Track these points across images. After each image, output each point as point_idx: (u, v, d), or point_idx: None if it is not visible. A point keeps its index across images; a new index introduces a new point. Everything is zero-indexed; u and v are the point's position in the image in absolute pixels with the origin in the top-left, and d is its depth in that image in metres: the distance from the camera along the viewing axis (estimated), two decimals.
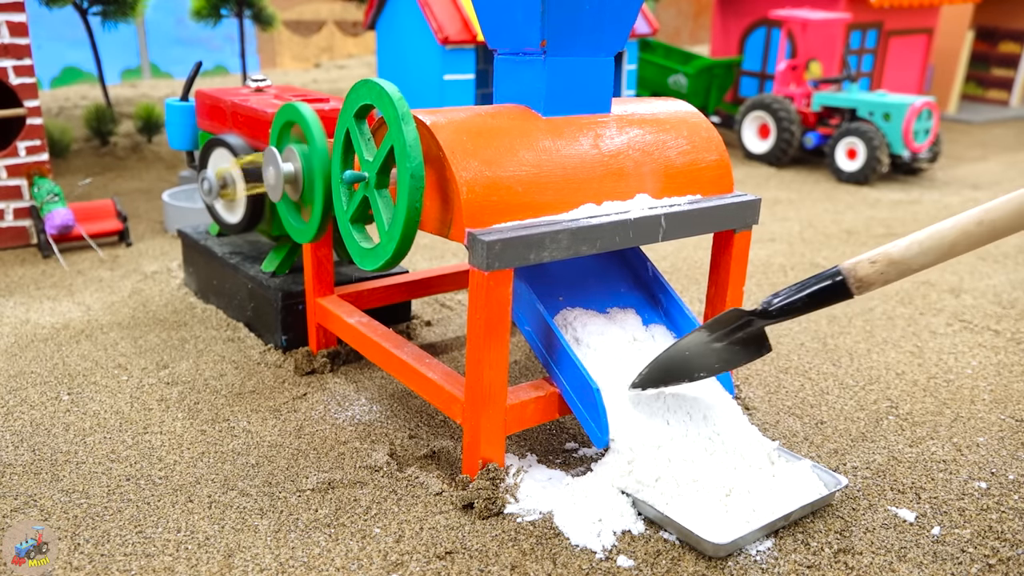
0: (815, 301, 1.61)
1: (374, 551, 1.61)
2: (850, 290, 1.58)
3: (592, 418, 1.77)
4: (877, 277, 1.55)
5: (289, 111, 2.06)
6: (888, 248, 1.54)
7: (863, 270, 1.56)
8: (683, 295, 3.05)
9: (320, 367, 2.35)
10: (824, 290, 1.60)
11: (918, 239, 1.51)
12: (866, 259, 1.56)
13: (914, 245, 1.52)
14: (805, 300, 1.62)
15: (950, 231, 1.49)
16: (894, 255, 1.54)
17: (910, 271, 1.54)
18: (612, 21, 1.85)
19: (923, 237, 1.51)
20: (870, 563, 1.60)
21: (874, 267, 1.55)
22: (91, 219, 3.45)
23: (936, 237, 1.50)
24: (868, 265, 1.55)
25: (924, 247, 1.51)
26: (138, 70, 9.52)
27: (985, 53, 8.50)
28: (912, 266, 1.53)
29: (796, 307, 1.63)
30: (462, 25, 4.63)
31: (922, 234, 1.51)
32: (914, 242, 1.51)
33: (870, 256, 1.56)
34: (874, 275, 1.55)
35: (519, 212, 1.70)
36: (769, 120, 5.38)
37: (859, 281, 1.56)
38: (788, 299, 1.64)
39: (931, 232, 1.51)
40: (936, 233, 1.50)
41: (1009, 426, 2.14)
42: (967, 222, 1.48)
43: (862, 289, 1.57)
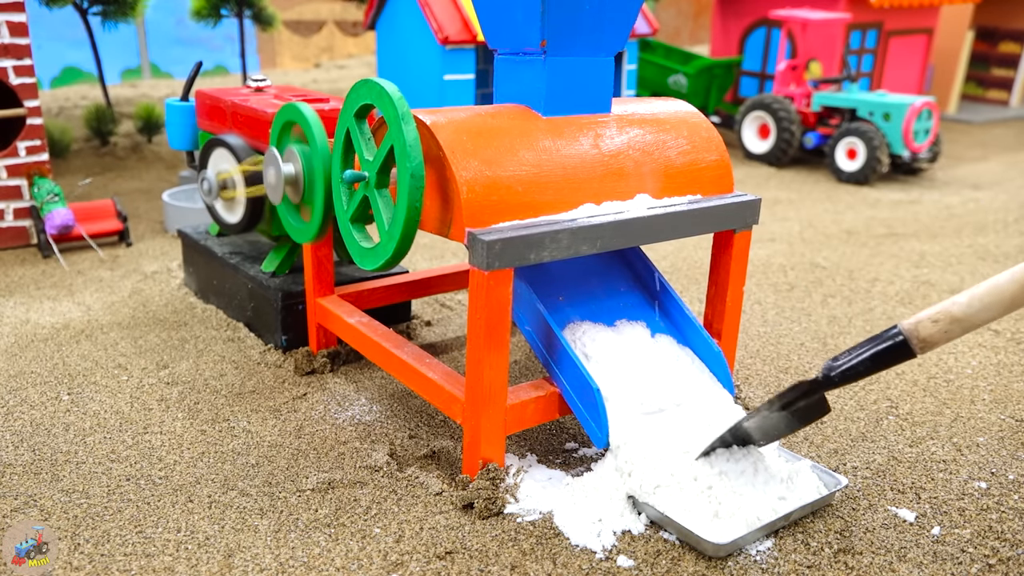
0: (878, 364, 1.59)
1: (374, 551, 1.61)
2: (913, 350, 1.55)
3: (592, 418, 1.77)
4: (941, 336, 1.53)
5: (290, 111, 2.06)
6: (948, 306, 1.53)
7: (925, 330, 1.54)
8: (683, 295, 3.05)
9: (320, 367, 2.35)
10: (886, 352, 1.57)
11: (978, 295, 1.50)
12: (927, 318, 1.54)
13: (975, 301, 1.50)
14: (867, 363, 1.59)
15: (1009, 284, 1.48)
16: (956, 313, 1.52)
17: (973, 327, 1.53)
18: (612, 21, 1.85)
19: (983, 292, 1.50)
20: (870, 563, 1.60)
21: (936, 326, 1.53)
22: (91, 219, 3.45)
23: (996, 292, 1.49)
24: (930, 324, 1.53)
25: (985, 303, 1.50)
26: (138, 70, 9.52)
27: (985, 53, 8.50)
28: (975, 322, 1.52)
29: (858, 371, 1.60)
30: (462, 25, 4.63)
31: (981, 288, 1.50)
32: (974, 298, 1.50)
33: (931, 315, 1.54)
34: (937, 335, 1.53)
35: (519, 212, 1.70)
36: (769, 120, 5.38)
37: (922, 341, 1.54)
38: (850, 364, 1.61)
39: (990, 287, 1.49)
40: (995, 288, 1.49)
41: (1009, 426, 2.14)
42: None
43: (925, 349, 1.55)
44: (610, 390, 1.82)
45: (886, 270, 3.38)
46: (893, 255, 3.59)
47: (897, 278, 3.28)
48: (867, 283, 3.22)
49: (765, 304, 2.97)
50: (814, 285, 3.18)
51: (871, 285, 3.19)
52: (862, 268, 3.40)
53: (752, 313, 2.89)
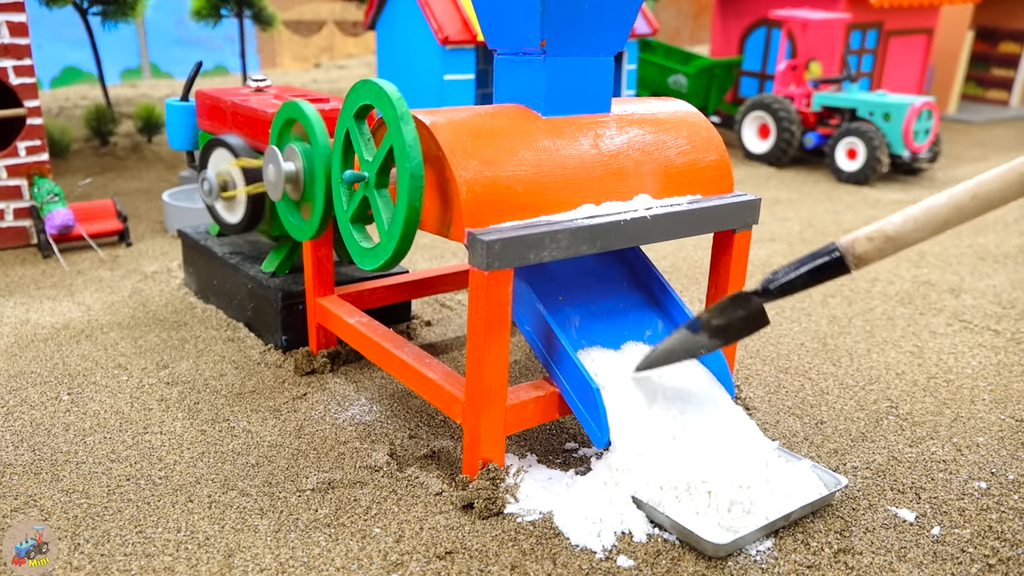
0: (814, 278, 1.64)
1: (374, 551, 1.61)
2: (848, 266, 1.61)
3: (592, 418, 1.77)
4: (875, 253, 1.59)
5: (291, 109, 2.06)
6: (883, 225, 1.58)
7: (860, 247, 1.59)
8: (683, 295, 3.05)
9: (320, 367, 2.35)
10: (823, 267, 1.62)
11: (913, 215, 1.55)
12: (863, 235, 1.59)
13: (909, 221, 1.55)
14: (804, 278, 1.64)
15: (943, 206, 1.52)
16: (889, 231, 1.57)
17: (906, 245, 1.57)
18: (612, 21, 1.85)
19: (918, 212, 1.54)
20: (870, 563, 1.60)
21: (872, 243, 1.58)
22: (91, 219, 3.45)
23: (930, 212, 1.53)
24: (865, 241, 1.58)
25: (919, 223, 1.54)
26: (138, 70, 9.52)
27: (985, 53, 8.50)
28: (908, 241, 1.56)
29: (795, 285, 1.66)
30: (462, 25, 4.63)
31: (916, 209, 1.55)
32: (909, 218, 1.55)
33: (867, 232, 1.59)
34: (872, 251, 1.58)
35: (519, 212, 1.70)
36: (769, 120, 5.38)
37: (857, 257, 1.59)
38: (787, 277, 1.66)
39: (925, 207, 1.54)
40: (930, 208, 1.53)
41: (1009, 426, 2.14)
42: (961, 196, 1.51)
43: (859, 265, 1.60)
44: (610, 390, 1.82)
45: (886, 270, 3.38)
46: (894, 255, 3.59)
47: (897, 278, 3.28)
48: (867, 283, 3.22)
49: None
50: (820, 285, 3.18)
51: (871, 285, 3.19)
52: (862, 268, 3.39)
53: None
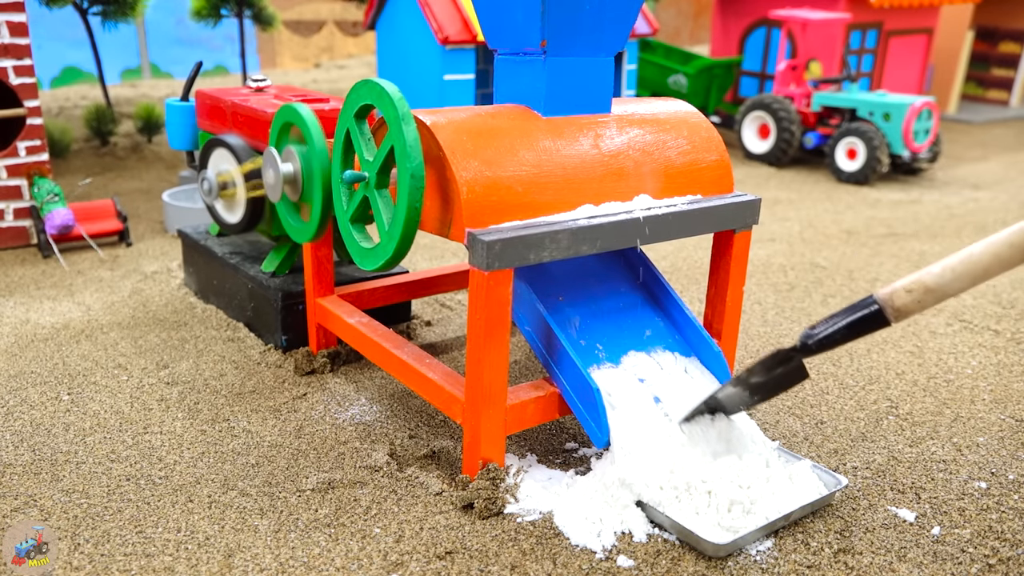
0: (853, 332, 1.62)
1: (374, 551, 1.61)
2: (888, 319, 1.58)
3: (592, 418, 1.77)
4: (914, 305, 1.56)
5: (288, 112, 2.06)
6: (922, 276, 1.55)
7: (899, 299, 1.57)
8: (683, 295, 3.05)
9: (320, 367, 2.35)
10: (861, 320, 1.60)
11: (951, 265, 1.52)
12: (901, 287, 1.57)
13: (947, 271, 1.52)
14: (844, 332, 1.62)
15: (982, 255, 1.50)
16: (929, 283, 1.54)
17: (946, 297, 1.55)
18: (612, 21, 1.85)
19: (955, 263, 1.52)
20: (870, 563, 1.60)
21: (910, 296, 1.56)
22: (91, 219, 3.45)
23: (968, 262, 1.51)
24: (904, 294, 1.56)
25: (957, 273, 1.52)
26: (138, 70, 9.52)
27: (985, 53, 8.50)
28: (948, 292, 1.54)
29: (834, 339, 1.64)
30: (462, 25, 4.63)
31: (955, 259, 1.52)
32: (947, 268, 1.52)
33: (905, 284, 1.56)
34: (911, 304, 1.56)
35: (519, 212, 1.70)
36: (769, 120, 5.38)
37: (896, 310, 1.57)
38: (826, 332, 1.64)
39: (963, 257, 1.52)
40: (968, 258, 1.51)
41: (1009, 426, 2.14)
42: (999, 245, 1.48)
43: (899, 318, 1.58)
44: (610, 390, 1.82)
45: (886, 270, 3.38)
46: (893, 255, 3.59)
47: (896, 278, 3.27)
48: (867, 283, 3.22)
49: (765, 304, 2.97)
50: (814, 285, 3.18)
51: (871, 285, 3.19)
52: (862, 268, 3.40)
53: (752, 313, 2.89)
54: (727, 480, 1.70)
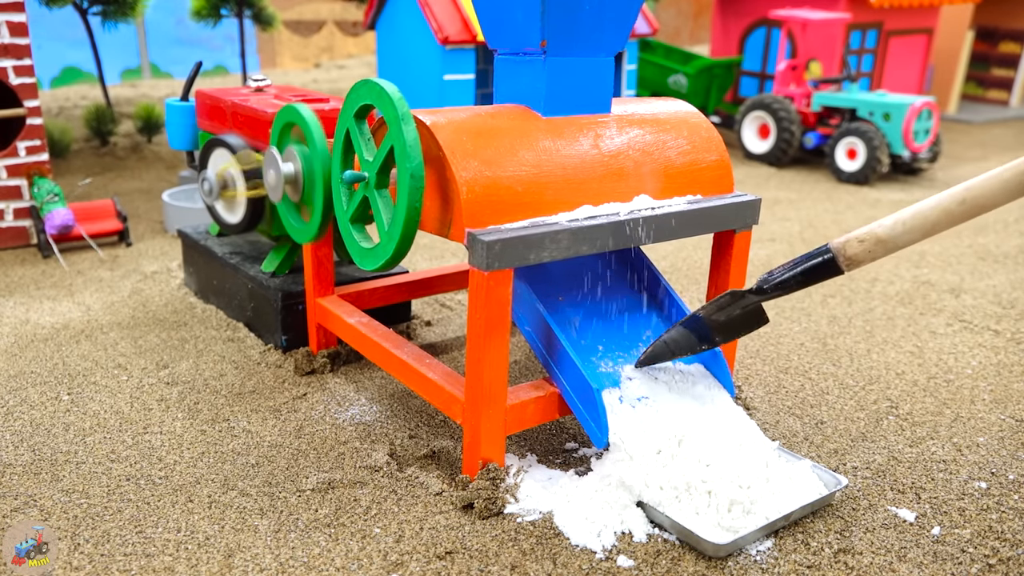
0: (807, 278, 1.69)
1: (374, 551, 1.61)
2: (840, 267, 1.66)
3: (592, 418, 1.77)
4: (865, 255, 1.63)
5: (289, 112, 2.06)
6: (874, 227, 1.62)
7: (852, 248, 1.64)
8: (683, 295, 3.05)
9: (320, 367, 2.35)
10: (815, 267, 1.68)
11: (902, 219, 1.60)
12: (854, 238, 1.64)
13: (899, 224, 1.60)
14: (798, 277, 1.70)
15: (932, 211, 1.57)
16: (880, 234, 1.62)
17: (896, 248, 1.62)
18: (612, 21, 1.85)
19: (907, 216, 1.59)
20: (870, 563, 1.60)
21: (862, 245, 1.63)
22: (91, 219, 3.45)
23: (920, 216, 1.58)
24: (856, 244, 1.63)
25: (908, 226, 1.59)
26: (138, 70, 9.52)
27: (985, 53, 8.50)
28: (898, 243, 1.61)
29: (789, 284, 1.71)
30: (462, 25, 4.63)
31: (906, 213, 1.60)
32: (898, 221, 1.60)
33: (858, 235, 1.64)
34: (862, 253, 1.63)
35: (519, 212, 1.70)
36: (769, 120, 5.38)
37: (848, 259, 1.64)
38: (782, 277, 1.71)
39: (914, 212, 1.59)
40: (919, 213, 1.58)
41: (1009, 426, 2.14)
42: (949, 201, 1.56)
43: (851, 266, 1.65)
44: (610, 390, 1.82)
45: (886, 270, 3.38)
46: (893, 255, 3.59)
47: (897, 278, 3.28)
48: (867, 283, 3.22)
49: (765, 304, 2.97)
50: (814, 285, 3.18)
51: (871, 285, 3.20)
52: (862, 268, 3.40)
53: None
54: (727, 480, 1.70)
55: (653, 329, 2.02)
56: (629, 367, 1.89)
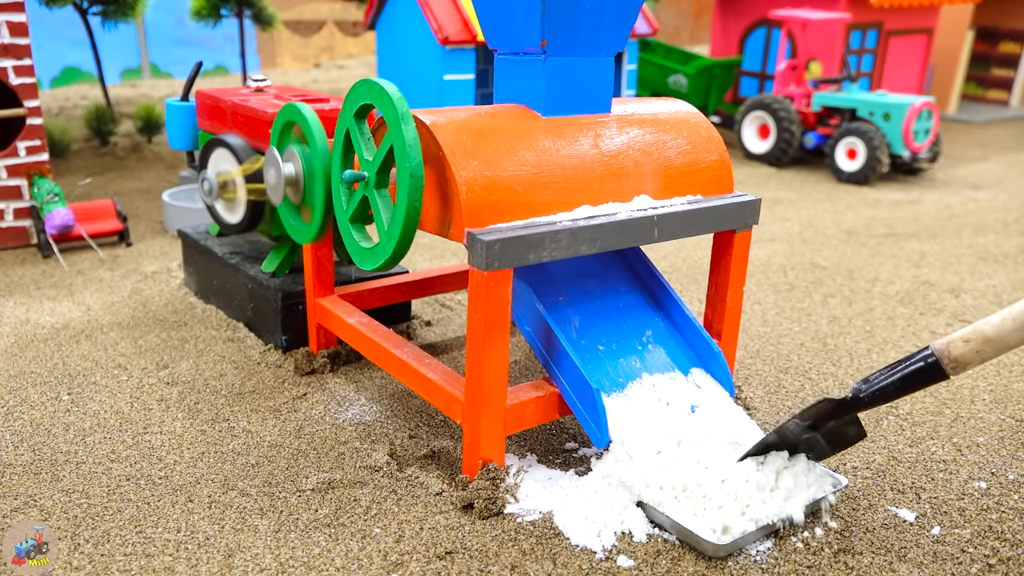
0: (908, 385, 1.57)
1: (374, 551, 1.61)
2: (945, 371, 1.53)
3: (592, 418, 1.77)
4: (973, 356, 1.50)
5: (290, 112, 2.06)
6: (981, 326, 1.50)
7: (957, 350, 1.51)
8: (683, 295, 3.05)
9: (320, 367, 2.35)
10: (917, 372, 1.55)
11: (1011, 314, 1.47)
12: (959, 338, 1.51)
13: (1007, 321, 1.47)
14: (898, 384, 1.57)
15: None
16: (988, 333, 1.49)
17: (1007, 348, 1.49)
18: (612, 21, 1.85)
19: (1016, 312, 1.47)
20: (870, 563, 1.60)
21: (968, 346, 1.50)
22: (91, 219, 3.45)
23: None
24: (962, 344, 1.50)
25: (1019, 322, 1.46)
26: (138, 70, 9.52)
27: (985, 53, 8.50)
28: (1009, 342, 1.48)
29: (888, 392, 1.59)
30: (462, 25, 4.63)
31: (1016, 308, 1.47)
32: (1007, 317, 1.47)
33: (962, 335, 1.51)
34: (969, 355, 1.50)
35: (519, 212, 1.70)
36: (769, 120, 5.38)
37: (953, 361, 1.51)
38: (880, 385, 1.60)
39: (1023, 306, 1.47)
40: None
41: (1009, 426, 2.14)
42: None
43: (957, 370, 1.51)
44: (610, 390, 1.82)
45: (886, 270, 3.38)
46: (893, 255, 3.59)
47: (897, 278, 3.28)
48: (867, 283, 3.22)
49: (765, 304, 2.97)
50: (814, 285, 3.18)
51: (871, 285, 3.19)
52: (862, 268, 3.40)
53: (752, 313, 2.89)
54: (727, 480, 1.70)
55: (653, 329, 2.02)
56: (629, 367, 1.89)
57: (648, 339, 2.00)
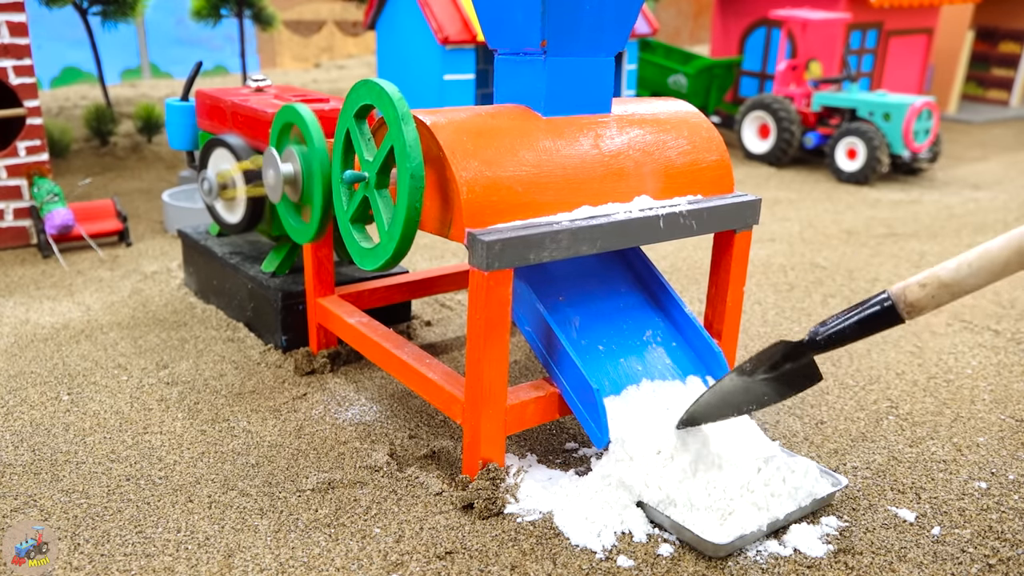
0: (865, 328, 1.56)
1: (374, 551, 1.61)
2: (900, 315, 1.53)
3: (592, 418, 1.77)
4: (928, 301, 1.50)
5: (288, 112, 2.06)
6: (937, 271, 1.50)
7: (913, 294, 1.51)
8: (683, 295, 3.05)
9: (320, 367, 2.35)
10: (873, 316, 1.55)
11: (967, 260, 1.48)
12: (915, 283, 1.51)
13: (963, 266, 1.47)
14: (854, 327, 1.57)
15: (1000, 250, 1.45)
16: (944, 277, 1.49)
17: (963, 292, 1.49)
18: (612, 21, 1.85)
19: (972, 258, 1.47)
20: (870, 563, 1.60)
21: (924, 290, 1.50)
22: (91, 219, 3.45)
23: (986, 257, 1.46)
24: (918, 289, 1.50)
25: (974, 268, 1.46)
26: (138, 70, 9.52)
27: (985, 53, 8.50)
28: (964, 287, 1.48)
29: (845, 335, 1.58)
30: (462, 25, 4.63)
31: (971, 254, 1.48)
32: (963, 263, 1.48)
33: (919, 279, 1.51)
34: (925, 299, 1.50)
35: (519, 212, 1.70)
36: (769, 120, 5.38)
37: (909, 305, 1.51)
38: (836, 327, 1.59)
39: (980, 252, 1.47)
40: (985, 253, 1.46)
41: (1009, 426, 2.14)
42: (1019, 239, 1.43)
43: (913, 314, 1.51)
44: (610, 391, 1.82)
45: (886, 270, 3.38)
46: (893, 255, 3.59)
47: (897, 278, 3.28)
48: (867, 283, 3.22)
49: (765, 304, 2.97)
50: (814, 285, 3.18)
51: (871, 285, 3.19)
52: (862, 268, 3.40)
53: (752, 313, 2.89)
54: (727, 480, 1.70)
55: (653, 329, 2.02)
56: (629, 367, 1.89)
57: (648, 339, 2.00)
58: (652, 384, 1.89)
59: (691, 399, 1.88)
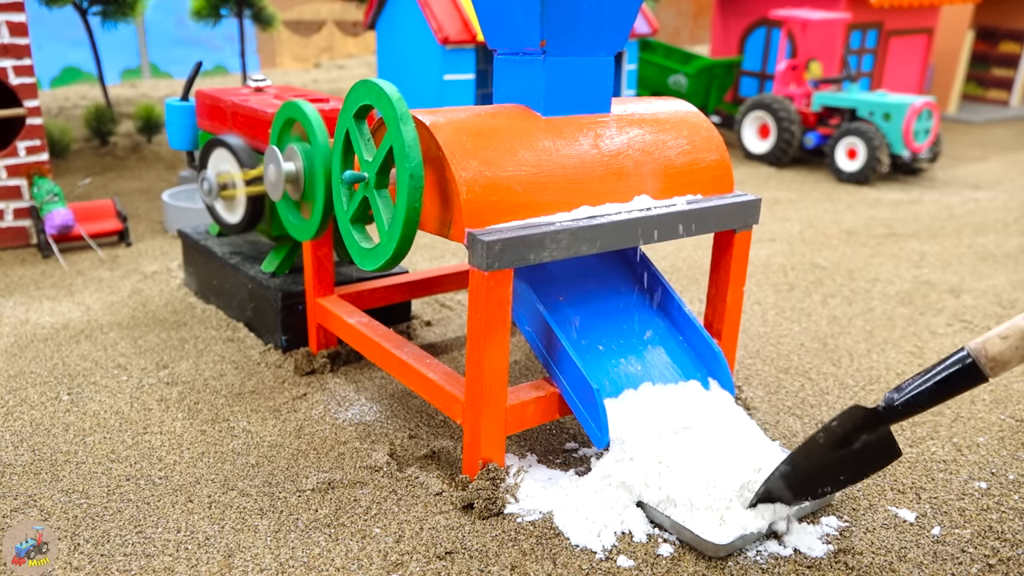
0: (945, 390, 1.45)
1: (374, 551, 1.61)
2: (983, 372, 1.41)
3: (592, 418, 1.77)
4: (1012, 353, 1.39)
5: (291, 109, 2.06)
6: (1018, 321, 1.40)
7: (994, 347, 1.40)
8: (683, 295, 3.05)
9: (320, 367, 2.35)
10: (954, 376, 1.43)
11: None
12: (995, 335, 1.40)
13: None
14: (933, 389, 1.45)
15: None
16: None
17: None
18: (612, 21, 1.85)
19: None
20: (870, 563, 1.60)
21: (1006, 343, 1.38)
22: (91, 219, 3.45)
23: None
24: (999, 341, 1.39)
25: None
26: (138, 70, 9.52)
27: (985, 53, 8.49)
28: None
29: (923, 399, 1.47)
30: (462, 25, 4.63)
31: None
32: None
33: (999, 331, 1.40)
34: (1008, 351, 1.39)
35: (519, 212, 1.70)
36: (769, 120, 5.38)
37: (991, 360, 1.40)
38: (914, 391, 1.48)
39: None
40: None
41: (1009, 426, 2.14)
42: None
43: (997, 369, 1.40)
44: (610, 391, 1.82)
45: (886, 270, 3.38)
46: (893, 255, 3.59)
47: (897, 278, 3.28)
48: (867, 283, 3.22)
49: (765, 304, 2.97)
50: (814, 285, 3.18)
51: (871, 285, 3.19)
52: (862, 268, 3.40)
53: (752, 313, 2.89)
54: (727, 481, 1.70)
55: (653, 329, 2.02)
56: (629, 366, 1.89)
57: (648, 339, 2.00)
58: (652, 384, 1.89)
59: (691, 399, 1.87)
